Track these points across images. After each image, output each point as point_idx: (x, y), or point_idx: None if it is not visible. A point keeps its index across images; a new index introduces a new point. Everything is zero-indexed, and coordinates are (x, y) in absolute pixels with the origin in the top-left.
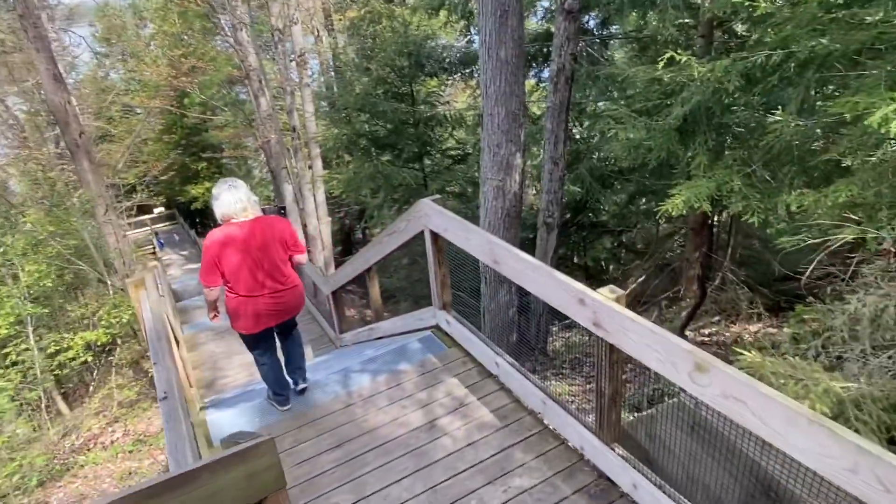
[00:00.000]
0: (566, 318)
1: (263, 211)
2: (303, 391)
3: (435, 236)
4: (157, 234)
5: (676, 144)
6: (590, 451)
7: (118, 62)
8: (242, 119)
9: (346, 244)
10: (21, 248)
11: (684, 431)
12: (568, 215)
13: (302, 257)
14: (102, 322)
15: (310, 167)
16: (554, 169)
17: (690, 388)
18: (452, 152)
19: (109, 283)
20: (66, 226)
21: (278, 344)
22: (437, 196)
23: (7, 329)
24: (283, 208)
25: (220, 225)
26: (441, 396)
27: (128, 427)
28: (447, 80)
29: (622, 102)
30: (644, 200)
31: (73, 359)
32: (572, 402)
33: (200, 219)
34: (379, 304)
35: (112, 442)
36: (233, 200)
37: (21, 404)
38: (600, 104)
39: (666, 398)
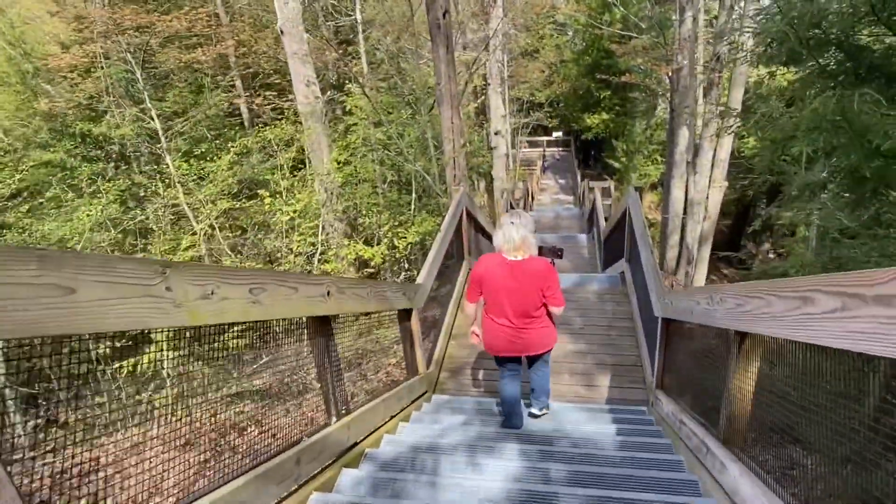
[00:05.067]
0: None
1: (539, 250)
2: (533, 416)
3: None
4: (545, 156)
5: None
6: None
7: None
8: (661, 42)
9: (739, 220)
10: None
11: None
12: None
13: (557, 310)
14: None
15: (722, 114)
16: None
17: None
18: None
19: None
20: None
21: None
22: None
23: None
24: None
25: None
26: None
27: None
28: None
29: None
30: None
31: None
32: None
33: (593, 151)
34: None
35: None
36: (508, 238)
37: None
38: None
39: None
